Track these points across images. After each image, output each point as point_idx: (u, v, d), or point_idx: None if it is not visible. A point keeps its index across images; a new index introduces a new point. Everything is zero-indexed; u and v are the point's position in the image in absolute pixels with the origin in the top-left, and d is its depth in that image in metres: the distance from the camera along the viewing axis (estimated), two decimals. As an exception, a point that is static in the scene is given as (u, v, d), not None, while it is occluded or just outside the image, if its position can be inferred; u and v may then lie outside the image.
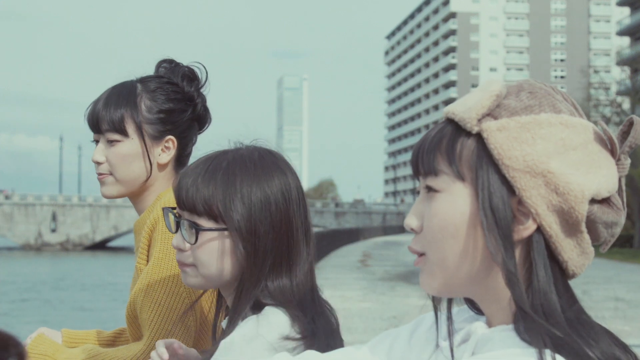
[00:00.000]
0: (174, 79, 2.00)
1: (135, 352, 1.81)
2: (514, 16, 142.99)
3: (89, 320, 21.95)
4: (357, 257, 32.65)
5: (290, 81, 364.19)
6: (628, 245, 44.96)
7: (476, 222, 1.05)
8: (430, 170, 1.09)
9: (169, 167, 2.01)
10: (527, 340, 1.00)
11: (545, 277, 1.03)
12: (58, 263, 54.79)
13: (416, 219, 1.11)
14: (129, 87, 1.98)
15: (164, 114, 1.96)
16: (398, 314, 13.71)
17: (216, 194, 1.46)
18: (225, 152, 1.53)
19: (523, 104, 1.07)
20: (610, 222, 1.07)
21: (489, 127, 1.05)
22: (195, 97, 2.01)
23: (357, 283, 20.20)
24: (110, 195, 2.00)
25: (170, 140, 1.99)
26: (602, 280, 23.28)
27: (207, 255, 1.48)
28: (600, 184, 1.04)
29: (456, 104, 1.11)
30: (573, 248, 1.05)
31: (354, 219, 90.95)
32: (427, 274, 1.10)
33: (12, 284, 35.12)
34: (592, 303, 16.44)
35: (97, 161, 1.98)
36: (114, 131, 1.94)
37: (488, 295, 1.08)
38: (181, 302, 1.81)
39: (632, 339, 11.43)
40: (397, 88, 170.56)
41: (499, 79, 1.12)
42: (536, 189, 1.02)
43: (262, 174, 1.49)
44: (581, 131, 1.05)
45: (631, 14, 62.38)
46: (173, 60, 2.04)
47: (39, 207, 78.93)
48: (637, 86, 48.10)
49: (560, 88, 1.05)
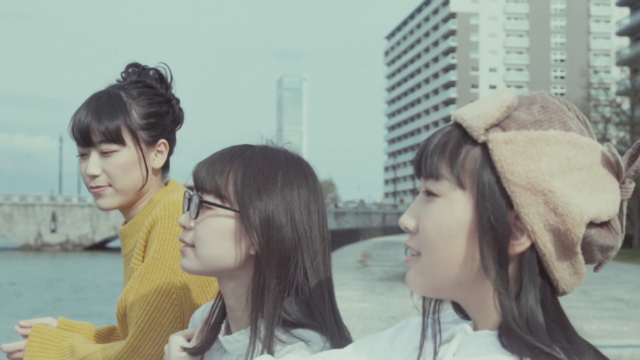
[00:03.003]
0: (150, 83, 2.00)
1: (118, 350, 1.81)
2: (513, 16, 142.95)
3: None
4: (357, 258, 32.65)
5: (290, 81, 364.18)
6: (627, 245, 44.97)
7: (471, 231, 1.04)
8: (431, 174, 1.08)
9: (160, 171, 2.04)
10: (509, 349, 1.01)
11: (534, 294, 1.02)
12: (58, 263, 54.75)
13: (412, 219, 1.11)
14: (115, 96, 1.96)
15: (153, 118, 1.97)
16: (397, 314, 13.74)
17: (230, 175, 1.43)
18: (250, 145, 1.50)
19: (533, 117, 1.05)
20: (606, 245, 1.06)
21: (495, 139, 1.04)
22: (172, 98, 2.02)
23: (357, 283, 20.21)
24: (111, 207, 1.99)
25: (163, 143, 2.00)
26: (601, 280, 23.29)
27: (207, 232, 1.44)
28: (601, 208, 1.03)
29: (466, 110, 1.09)
30: (566, 268, 1.04)
31: (353, 219, 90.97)
32: (415, 273, 1.10)
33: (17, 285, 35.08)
34: (591, 303, 16.45)
35: (94, 174, 1.94)
36: (110, 142, 1.92)
37: (475, 302, 1.09)
38: (171, 303, 1.80)
39: (631, 339, 11.45)
40: (397, 88, 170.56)
41: (510, 89, 1.09)
42: (535, 207, 1.01)
43: (284, 171, 1.45)
44: (588, 152, 1.04)
45: (631, 14, 62.35)
46: (139, 64, 2.03)
47: (38, 208, 78.94)
48: (637, 86, 48.10)
49: (560, 88, 1.14)
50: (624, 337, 11.76)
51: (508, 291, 1.02)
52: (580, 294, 18.65)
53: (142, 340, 1.79)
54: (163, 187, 2.05)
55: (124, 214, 2.05)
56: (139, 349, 1.79)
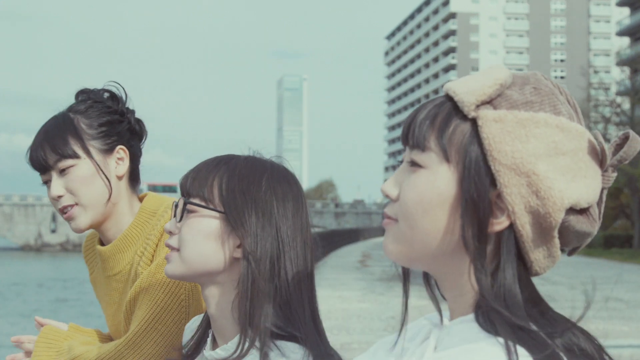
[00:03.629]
0: (99, 99, 1.99)
1: (117, 344, 1.83)
2: (513, 16, 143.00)
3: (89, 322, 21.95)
4: (357, 258, 32.67)
5: (290, 81, 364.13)
6: (628, 245, 44.98)
7: (452, 205, 1.05)
8: (418, 145, 1.07)
9: (125, 181, 1.99)
10: (487, 330, 1.01)
11: (512, 273, 1.03)
12: (58, 264, 54.75)
13: (395, 188, 1.11)
14: (61, 116, 1.97)
15: (105, 127, 1.96)
16: (396, 315, 13.73)
17: (215, 180, 1.45)
18: (236, 155, 1.52)
19: (525, 98, 1.05)
20: (583, 232, 1.07)
21: (485, 116, 1.04)
22: (125, 111, 2.01)
23: (356, 283, 20.22)
24: (84, 226, 1.95)
25: (121, 149, 1.97)
26: (601, 280, 23.31)
27: (191, 233, 1.44)
28: (582, 195, 1.03)
29: (458, 83, 1.09)
30: (541, 250, 1.05)
31: (353, 219, 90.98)
32: (392, 239, 1.10)
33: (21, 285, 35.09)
34: (591, 303, 16.40)
35: (58, 195, 1.93)
36: (64, 157, 1.91)
37: (450, 277, 1.09)
38: (178, 304, 1.81)
39: (631, 339, 11.46)
40: (397, 88, 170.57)
41: (505, 67, 1.10)
42: (517, 188, 1.02)
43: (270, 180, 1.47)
44: (575, 137, 1.04)
45: (631, 14, 62.37)
46: (88, 89, 2.03)
47: (38, 208, 78.96)
48: (637, 86, 48.12)
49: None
50: (623, 337, 11.77)
51: (485, 267, 1.03)
52: (579, 294, 18.66)
53: (143, 338, 1.79)
54: (135, 198, 2.02)
55: (102, 233, 2.00)
56: (139, 345, 1.79)
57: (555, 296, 17.94)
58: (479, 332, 1.02)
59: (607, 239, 45.25)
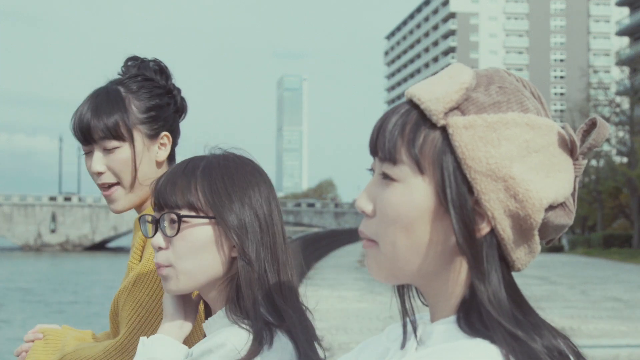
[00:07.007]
0: (149, 75, 1.98)
1: (107, 346, 1.81)
2: (513, 16, 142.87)
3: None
4: (356, 258, 32.65)
5: (290, 81, 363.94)
6: (627, 245, 44.95)
7: (432, 218, 1.03)
8: (389, 157, 1.05)
9: (165, 163, 2.00)
10: (468, 333, 1.01)
11: (496, 277, 1.03)
12: (58, 264, 54.75)
13: (370, 203, 1.08)
14: (114, 92, 1.95)
15: (154, 111, 1.95)
16: (395, 314, 13.69)
17: (196, 186, 1.45)
18: (201, 156, 1.53)
19: (492, 99, 1.04)
20: (561, 225, 1.07)
21: (455, 123, 1.02)
22: (172, 89, 2.01)
23: (355, 283, 20.23)
24: (124, 208, 1.96)
25: (166, 136, 1.98)
26: (600, 280, 23.32)
27: (188, 247, 1.43)
28: (559, 190, 1.03)
29: (422, 88, 1.06)
30: (522, 249, 1.05)
31: (353, 219, 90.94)
32: (374, 262, 1.08)
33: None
34: (590, 303, 16.45)
35: (98, 171, 1.92)
36: (111, 138, 1.91)
37: (433, 285, 1.08)
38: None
39: (629, 339, 11.48)
40: (397, 88, 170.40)
41: (466, 67, 1.08)
42: (495, 193, 1.01)
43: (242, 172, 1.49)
44: (545, 133, 1.03)
45: (630, 14, 62.36)
46: (138, 57, 2.02)
47: (38, 208, 78.92)
48: (637, 86, 48.07)
49: (560, 88, 1.13)
50: (621, 336, 11.79)
51: (485, 274, 1.02)
52: (579, 294, 18.66)
53: (132, 341, 1.78)
54: None
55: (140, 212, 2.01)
56: (127, 349, 1.79)
57: (555, 296, 17.96)
58: (460, 332, 1.03)
59: (606, 239, 45.21)
